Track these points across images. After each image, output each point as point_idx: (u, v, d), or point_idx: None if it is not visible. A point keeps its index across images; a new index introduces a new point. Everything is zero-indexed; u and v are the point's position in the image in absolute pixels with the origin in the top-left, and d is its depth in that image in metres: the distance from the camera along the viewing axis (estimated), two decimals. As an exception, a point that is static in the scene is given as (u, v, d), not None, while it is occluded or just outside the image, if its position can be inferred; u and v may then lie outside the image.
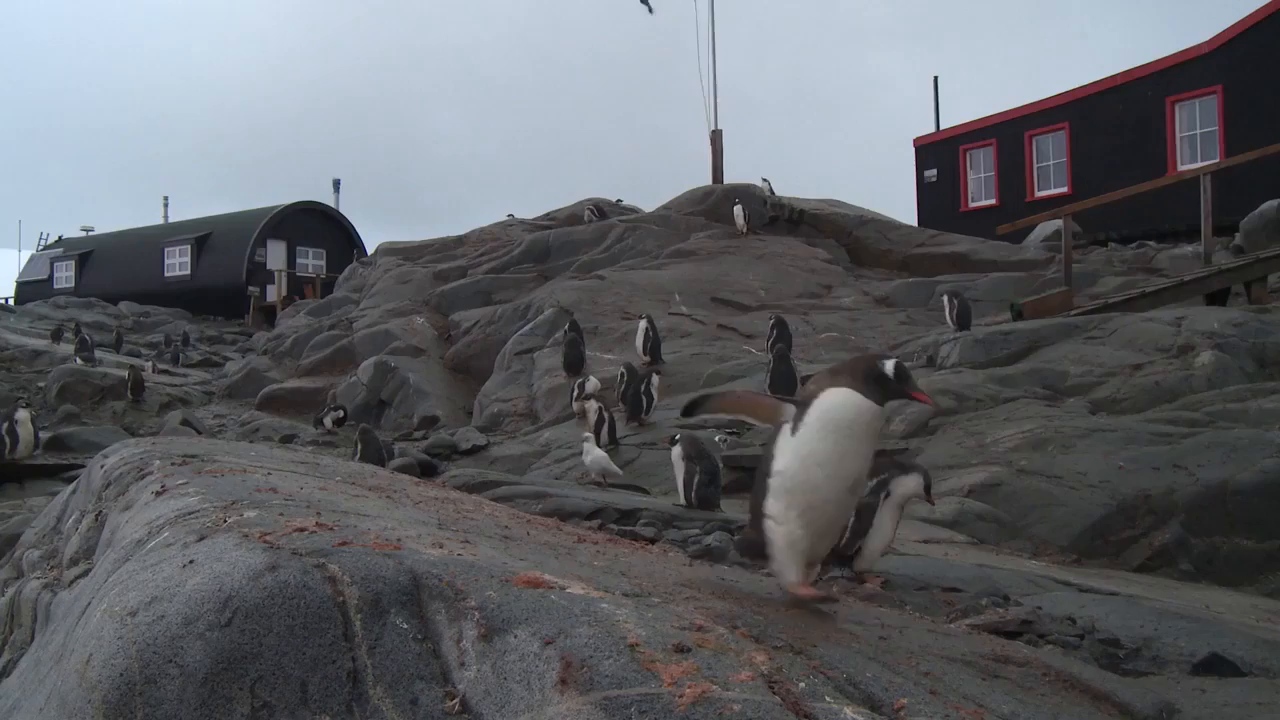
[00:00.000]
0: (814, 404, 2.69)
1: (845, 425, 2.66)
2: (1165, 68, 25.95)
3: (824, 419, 2.66)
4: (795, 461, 2.68)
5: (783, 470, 2.70)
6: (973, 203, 30.83)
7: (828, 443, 2.66)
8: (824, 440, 2.66)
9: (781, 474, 2.70)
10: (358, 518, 2.83)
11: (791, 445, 2.69)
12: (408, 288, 24.64)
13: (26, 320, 34.89)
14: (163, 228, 51.82)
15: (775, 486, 2.71)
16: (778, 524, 2.70)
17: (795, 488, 2.68)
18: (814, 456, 2.66)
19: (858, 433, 2.67)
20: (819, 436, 2.66)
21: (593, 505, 7.01)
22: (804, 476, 2.67)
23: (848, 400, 2.66)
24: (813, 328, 16.76)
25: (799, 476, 2.68)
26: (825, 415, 2.66)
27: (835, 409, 2.66)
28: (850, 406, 2.66)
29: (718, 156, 28.64)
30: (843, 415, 2.66)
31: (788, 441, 2.71)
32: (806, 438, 2.67)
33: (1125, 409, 9.50)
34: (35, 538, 4.92)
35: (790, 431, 2.71)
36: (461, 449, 12.87)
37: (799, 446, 2.68)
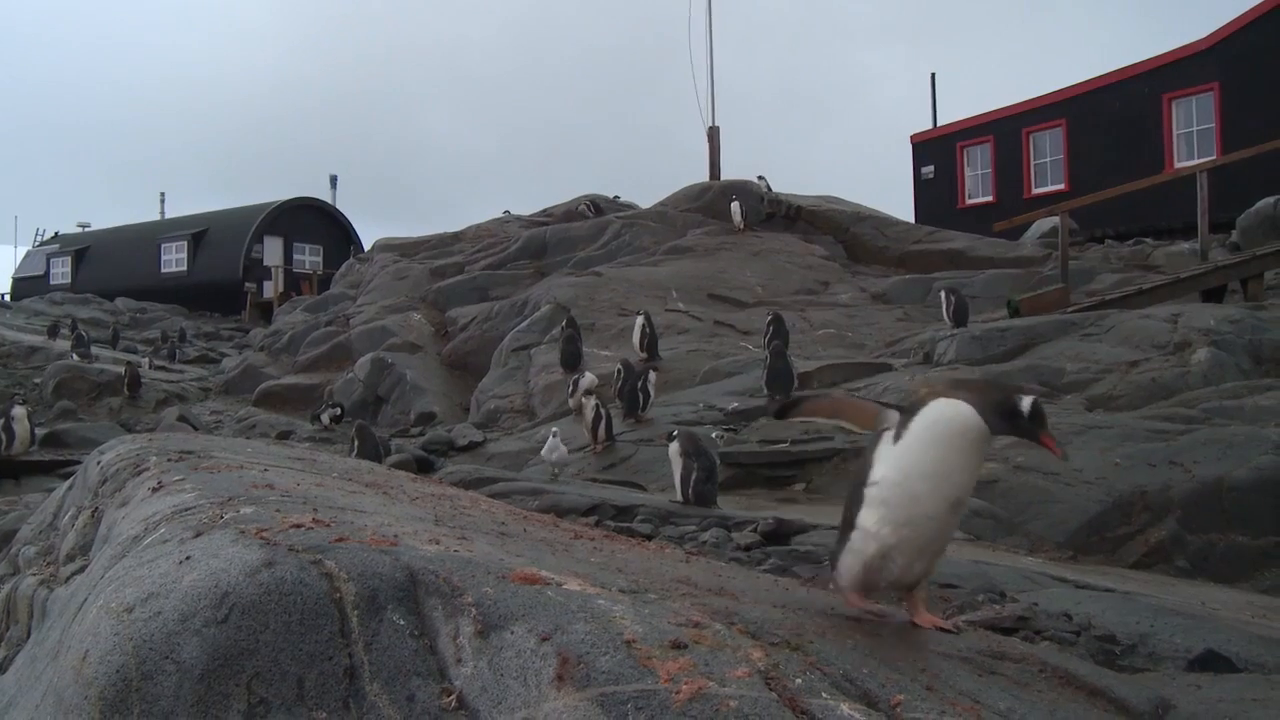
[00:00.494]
0: (922, 412, 2.53)
1: (953, 439, 2.49)
2: (1162, 65, 25.96)
3: (932, 429, 2.50)
4: (896, 471, 2.51)
5: (881, 480, 2.54)
6: (970, 199, 30.84)
7: (933, 454, 2.49)
8: (929, 451, 2.50)
9: (879, 484, 2.54)
10: (354, 514, 2.83)
11: (893, 454, 2.53)
12: (404, 284, 24.63)
13: (23, 316, 34.83)
14: (159, 224, 51.77)
15: (872, 496, 2.54)
16: (869, 537, 2.54)
17: (893, 499, 2.52)
18: (917, 467, 2.50)
19: (965, 449, 2.51)
20: (924, 446, 2.50)
21: (589, 502, 7.01)
22: (905, 488, 2.51)
23: (959, 413, 2.49)
24: (810, 324, 16.76)
25: (899, 487, 2.51)
26: (934, 425, 2.50)
27: (945, 421, 2.49)
28: (960, 420, 2.48)
29: (715, 153, 28.63)
30: (952, 428, 2.49)
31: (889, 450, 2.55)
32: (910, 447, 2.51)
33: (1122, 406, 9.51)
34: (31, 534, 4.92)
35: (892, 439, 2.54)
36: (458, 445, 12.87)
37: (901, 456, 2.51)
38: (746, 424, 10.86)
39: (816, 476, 9.18)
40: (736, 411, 11.22)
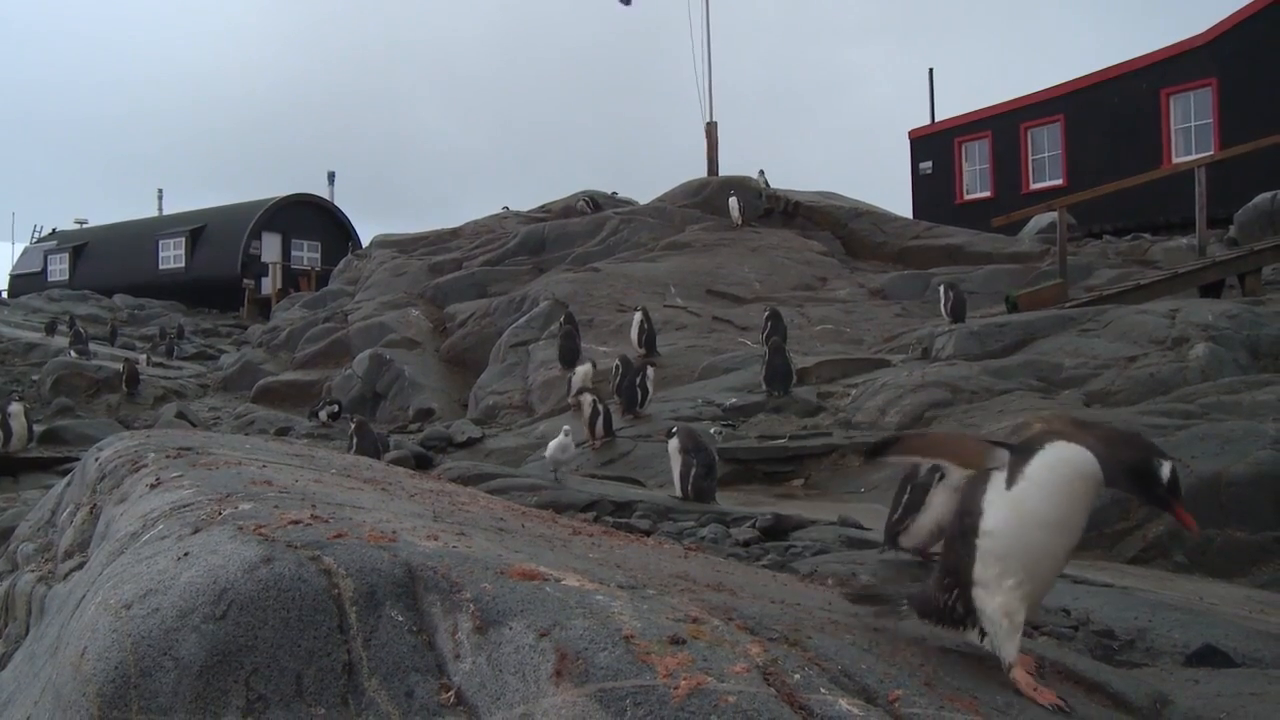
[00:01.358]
0: (1041, 455, 2.29)
1: (1074, 486, 2.27)
2: (1160, 60, 25.96)
3: (1052, 475, 2.26)
4: (1013, 520, 2.29)
5: (995, 530, 2.30)
6: (968, 195, 30.84)
7: (1052, 502, 2.27)
8: (1049, 498, 2.27)
9: (994, 534, 2.30)
10: (353, 510, 2.83)
11: (1007, 500, 2.29)
12: (403, 280, 24.62)
13: (20, 313, 34.80)
14: (157, 220, 51.73)
15: (987, 549, 2.31)
16: (990, 593, 2.31)
17: (1012, 551, 2.28)
18: (1036, 516, 2.28)
19: (1081, 498, 2.29)
20: (1044, 494, 2.27)
21: (588, 498, 7.02)
22: (1024, 538, 2.29)
23: (1081, 459, 2.25)
24: (808, 320, 16.76)
25: (1018, 538, 2.29)
26: (1054, 471, 2.27)
27: (1066, 465, 2.27)
28: (1082, 467, 2.25)
29: (713, 148, 28.62)
30: (1073, 475, 2.26)
31: (1001, 495, 2.30)
32: (1028, 493, 2.27)
33: (1120, 401, 9.51)
34: (29, 531, 4.91)
35: (1005, 483, 2.29)
36: (457, 441, 12.87)
37: (1018, 503, 2.28)
38: (745, 419, 10.87)
39: (815, 472, 9.19)
40: (735, 407, 11.22)
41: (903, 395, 10.24)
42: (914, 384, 10.39)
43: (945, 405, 9.87)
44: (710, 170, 28.28)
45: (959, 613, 2.37)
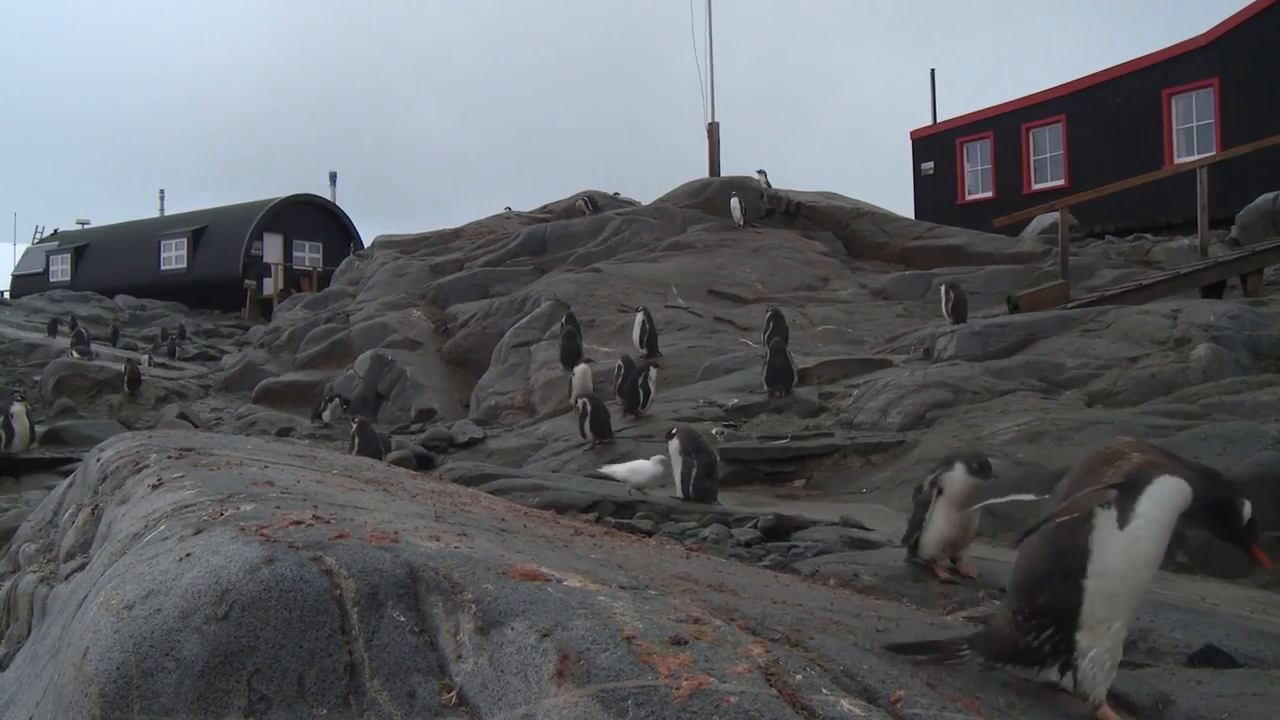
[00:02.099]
0: (1149, 492, 2.21)
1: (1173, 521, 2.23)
2: (1162, 60, 25.93)
3: (1162, 512, 2.21)
4: (1125, 560, 2.20)
5: (1108, 571, 2.19)
6: (969, 195, 30.82)
7: (1159, 539, 2.23)
8: (1159, 536, 2.23)
9: (1106, 575, 2.19)
10: (354, 511, 2.83)
11: (1121, 541, 2.19)
12: (404, 281, 24.62)
13: (22, 314, 34.83)
14: (159, 221, 51.76)
15: (1097, 590, 2.20)
16: (1096, 636, 2.23)
17: (1122, 591, 2.23)
18: (1147, 555, 2.23)
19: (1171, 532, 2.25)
20: (1155, 532, 2.21)
21: (590, 498, 7.01)
22: (1134, 579, 2.24)
23: (1182, 494, 2.20)
24: (809, 320, 16.76)
25: (1129, 578, 2.23)
26: (1163, 508, 2.21)
27: (1171, 501, 2.21)
28: (1182, 501, 2.21)
29: (714, 149, 28.61)
30: (1175, 510, 2.21)
31: (1114, 534, 2.19)
32: (1142, 533, 2.19)
33: (1121, 401, 9.51)
34: (31, 531, 4.92)
35: (1118, 522, 2.20)
36: (458, 442, 12.87)
37: (1132, 544, 2.19)
38: (746, 420, 10.87)
39: (816, 472, 9.19)
40: (736, 408, 11.22)
41: (904, 396, 10.23)
42: (916, 384, 10.39)
43: (947, 406, 9.86)
44: (712, 171, 28.27)
45: (1044, 653, 2.26)
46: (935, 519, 4.38)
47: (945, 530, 4.41)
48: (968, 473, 4.21)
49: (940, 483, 4.32)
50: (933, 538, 4.43)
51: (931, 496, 4.36)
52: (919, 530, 4.48)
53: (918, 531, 4.49)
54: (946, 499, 4.31)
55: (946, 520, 4.36)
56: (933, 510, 4.37)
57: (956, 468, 4.27)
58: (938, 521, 4.38)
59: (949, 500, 4.31)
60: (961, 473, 4.23)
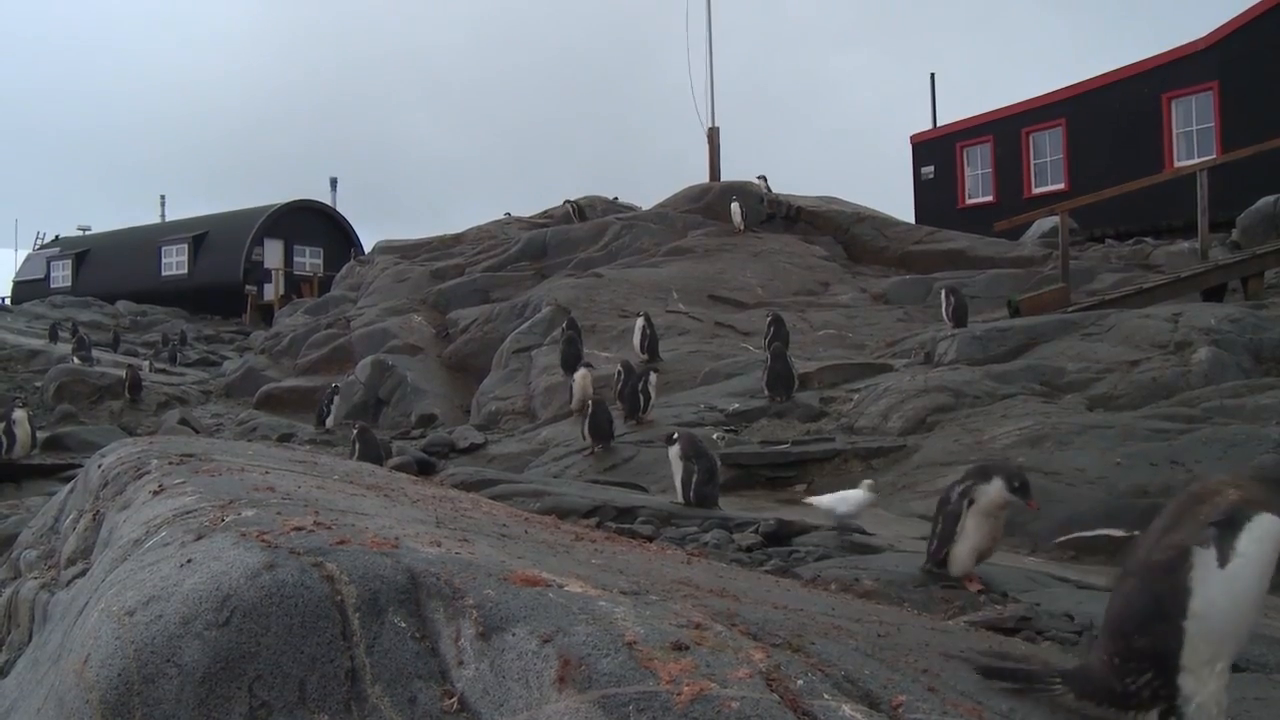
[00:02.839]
0: (1249, 529, 2.14)
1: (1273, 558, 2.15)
2: (1162, 64, 25.96)
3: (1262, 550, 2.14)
4: (1228, 600, 2.13)
5: (1209, 611, 2.12)
6: (970, 199, 30.84)
7: (1261, 577, 2.15)
8: (1263, 575, 2.15)
9: (1207, 616, 2.12)
10: (355, 516, 2.83)
11: (1222, 580, 2.12)
12: (405, 286, 24.63)
13: (23, 320, 34.85)
14: (160, 227, 51.80)
15: (1198, 632, 2.13)
16: (1200, 680, 2.15)
17: (1226, 632, 2.17)
18: (1249, 594, 2.16)
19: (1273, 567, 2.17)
20: (1256, 570, 2.14)
21: (590, 503, 7.01)
22: (1237, 618, 2.17)
23: None
24: (810, 325, 16.76)
25: (1232, 618, 2.16)
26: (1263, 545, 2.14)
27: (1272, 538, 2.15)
28: None
29: (714, 154, 28.62)
30: (1276, 546, 2.15)
31: (1214, 574, 2.13)
32: (1244, 572, 2.12)
33: (1122, 405, 9.51)
34: (32, 538, 4.92)
35: (1218, 561, 2.13)
36: (459, 447, 12.86)
37: (1233, 581, 2.12)
38: (747, 425, 10.87)
39: (818, 477, 9.18)
40: (737, 412, 11.22)
41: (905, 400, 10.23)
42: (916, 389, 10.39)
43: (948, 410, 9.86)
44: (712, 176, 28.27)
45: (1143, 697, 2.19)
46: (967, 531, 4.29)
47: (978, 542, 4.33)
48: (1008, 490, 4.14)
49: (973, 494, 4.24)
50: (965, 550, 4.35)
51: (962, 508, 4.26)
52: (949, 543, 4.37)
53: (948, 544, 4.38)
54: (979, 511, 4.24)
55: (978, 532, 4.29)
56: (964, 522, 4.28)
57: (995, 482, 4.18)
58: (969, 534, 4.29)
59: (981, 512, 4.24)
60: (1000, 488, 4.16)
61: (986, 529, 4.30)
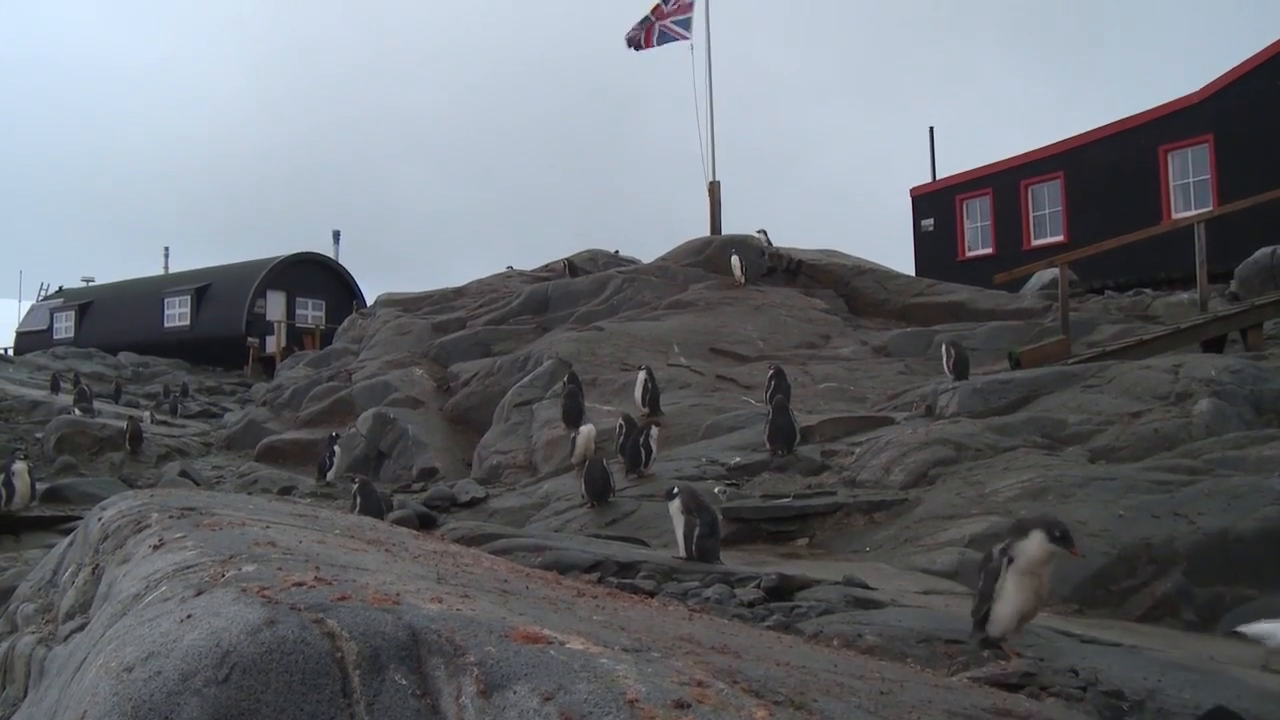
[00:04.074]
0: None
1: None
2: (1157, 117, 26.23)
3: None
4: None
5: None
6: (970, 252, 31.02)
7: None
8: None
9: None
10: (356, 572, 2.82)
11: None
12: (407, 339, 24.68)
13: (25, 371, 34.89)
14: (163, 278, 52.06)
15: None
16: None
17: None
18: None
19: None
20: None
21: (592, 558, 6.98)
22: None
23: None
24: (811, 378, 16.77)
25: None
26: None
27: None
28: None
29: (715, 208, 28.82)
30: None
31: None
32: None
33: (1124, 457, 9.49)
34: (30, 591, 4.89)
35: None
36: (460, 501, 12.82)
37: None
38: (749, 478, 10.84)
39: (820, 531, 9.14)
40: (739, 466, 11.19)
41: (907, 453, 10.22)
42: (918, 442, 10.37)
43: (950, 463, 9.84)
44: (713, 229, 28.44)
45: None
46: (1007, 591, 4.12)
47: (1020, 603, 4.15)
48: (1049, 541, 4.01)
49: (1012, 552, 4.11)
50: (1006, 612, 4.16)
51: (1002, 566, 4.14)
52: (989, 603, 4.23)
53: (988, 604, 4.24)
54: (1020, 569, 4.09)
55: (1020, 592, 4.12)
56: (1004, 581, 4.13)
57: (1034, 536, 4.05)
58: (1010, 594, 4.12)
59: (1022, 570, 4.09)
60: (1040, 541, 4.02)
61: (1029, 588, 4.14)
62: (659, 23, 29.78)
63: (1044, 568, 4.13)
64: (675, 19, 29.65)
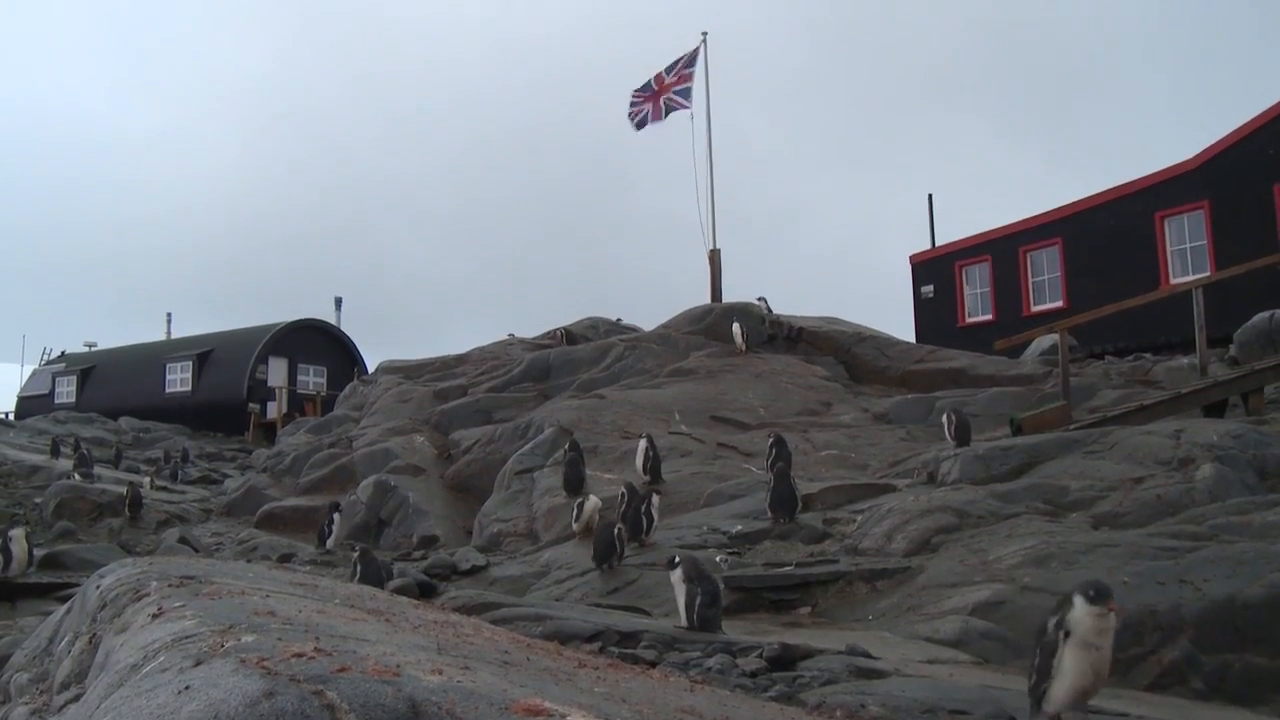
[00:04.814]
0: None
1: None
2: (1153, 184, 26.50)
3: None
4: None
5: None
6: (969, 318, 31.16)
7: None
8: None
9: None
10: (356, 642, 2.81)
11: None
12: (408, 406, 24.69)
13: (26, 435, 34.88)
14: (165, 344, 52.26)
15: None
16: None
17: None
18: None
19: None
20: None
21: (593, 628, 6.93)
22: None
23: None
24: (812, 445, 16.74)
25: None
26: None
27: None
28: None
29: (716, 276, 29.01)
30: None
31: None
32: None
33: (1128, 523, 9.44)
34: (25, 660, 4.86)
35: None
36: (461, 569, 12.74)
37: None
38: (750, 547, 10.79)
39: (822, 600, 9.08)
40: (740, 534, 11.14)
41: (909, 521, 10.17)
42: (920, 509, 10.34)
43: (952, 530, 9.80)
44: (714, 297, 28.59)
45: None
46: (1064, 667, 3.92)
47: (1078, 679, 3.93)
48: (1088, 603, 3.87)
49: (1066, 624, 3.92)
50: (1064, 689, 3.95)
51: (1058, 640, 3.94)
52: (1046, 680, 4.01)
53: (1045, 682, 4.02)
54: (1076, 642, 3.90)
55: (1077, 667, 3.91)
56: (1061, 657, 3.93)
57: (1076, 603, 3.91)
58: (1067, 670, 3.91)
59: (1080, 643, 3.90)
60: (1083, 606, 3.88)
61: (1087, 662, 3.92)
62: (663, 95, 30.17)
63: (1101, 638, 3.93)
64: (677, 89, 30.07)
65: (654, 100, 30.28)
